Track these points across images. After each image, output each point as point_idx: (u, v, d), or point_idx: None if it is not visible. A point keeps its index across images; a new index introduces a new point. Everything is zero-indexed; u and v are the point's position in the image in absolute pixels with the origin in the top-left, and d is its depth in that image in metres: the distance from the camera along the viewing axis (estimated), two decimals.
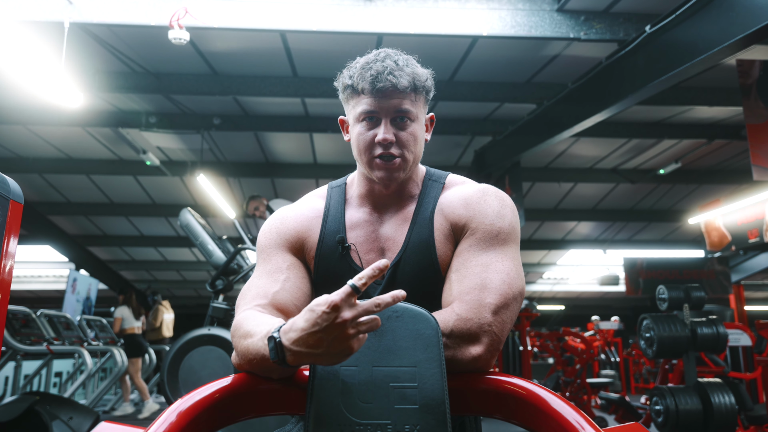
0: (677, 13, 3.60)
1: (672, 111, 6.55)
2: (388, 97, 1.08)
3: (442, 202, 1.15)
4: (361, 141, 1.11)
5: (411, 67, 1.11)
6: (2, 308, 1.12)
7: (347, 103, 1.15)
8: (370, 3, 4.17)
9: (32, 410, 3.98)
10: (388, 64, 1.08)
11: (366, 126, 1.11)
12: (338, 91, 1.17)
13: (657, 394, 3.64)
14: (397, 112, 1.09)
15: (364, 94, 1.09)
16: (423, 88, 1.12)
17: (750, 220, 8.18)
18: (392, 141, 1.09)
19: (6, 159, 7.92)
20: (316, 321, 0.79)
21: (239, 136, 7.36)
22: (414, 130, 1.12)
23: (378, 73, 1.07)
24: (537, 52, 5.22)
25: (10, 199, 1.17)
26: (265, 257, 1.14)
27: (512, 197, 7.04)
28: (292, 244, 1.15)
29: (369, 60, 1.11)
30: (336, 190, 1.22)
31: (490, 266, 1.03)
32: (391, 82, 1.07)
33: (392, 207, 1.17)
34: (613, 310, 18.94)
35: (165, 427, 0.85)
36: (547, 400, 0.88)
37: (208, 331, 3.57)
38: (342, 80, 1.14)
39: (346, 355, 0.81)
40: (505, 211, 1.10)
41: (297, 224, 1.17)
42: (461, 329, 0.97)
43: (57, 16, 3.92)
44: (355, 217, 1.17)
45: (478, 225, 1.08)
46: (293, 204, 1.23)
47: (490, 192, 1.14)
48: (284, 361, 0.84)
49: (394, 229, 1.15)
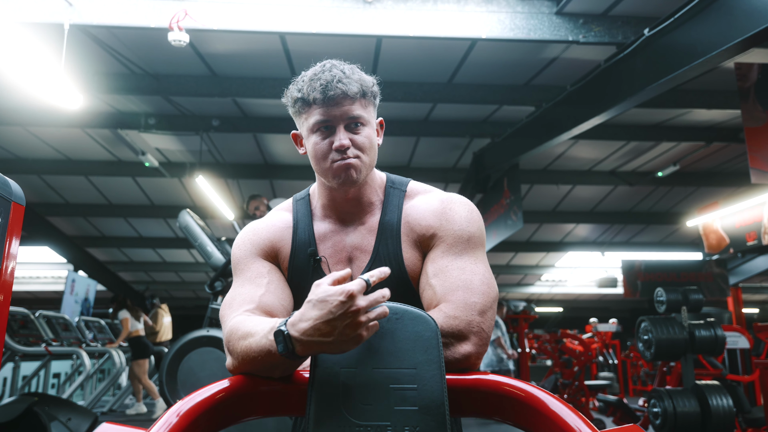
0: (675, 17, 3.61)
1: (670, 114, 6.57)
2: (339, 104, 1.10)
3: (408, 212, 1.17)
4: (318, 150, 1.13)
5: (358, 75, 1.14)
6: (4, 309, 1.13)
7: (299, 116, 1.17)
8: (369, 5, 4.18)
9: (31, 411, 3.98)
10: (335, 73, 1.11)
11: (321, 135, 1.13)
12: (288, 107, 1.19)
13: (655, 397, 3.64)
14: (349, 118, 1.12)
15: (315, 104, 1.11)
16: (371, 93, 1.15)
17: (748, 222, 8.20)
18: (348, 146, 1.11)
19: (5, 160, 7.92)
20: (330, 309, 0.84)
21: (238, 137, 7.37)
22: (368, 134, 1.14)
23: (327, 82, 1.10)
24: (536, 54, 5.23)
25: (11, 201, 1.17)
26: (243, 267, 1.16)
27: (510, 199, 7.06)
28: (267, 252, 1.18)
29: (316, 71, 1.13)
30: (301, 203, 1.25)
31: (467, 269, 1.07)
32: (341, 89, 1.09)
33: (356, 216, 1.20)
34: (611, 312, 18.95)
35: (166, 429, 0.86)
36: (545, 401, 0.89)
37: (206, 333, 3.57)
38: (290, 94, 1.16)
39: (357, 343, 0.86)
40: (473, 216, 1.14)
41: (270, 234, 1.19)
42: (451, 328, 0.99)
43: (57, 18, 3.92)
44: (321, 228, 1.20)
45: (448, 232, 1.11)
46: (262, 218, 1.26)
47: (456, 200, 1.17)
48: (293, 353, 0.87)
49: (360, 238, 1.18)
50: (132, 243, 12.15)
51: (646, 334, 3.81)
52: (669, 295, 3.95)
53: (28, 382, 6.54)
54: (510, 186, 6.84)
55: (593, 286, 16.18)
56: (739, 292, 10.77)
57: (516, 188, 6.71)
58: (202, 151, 7.43)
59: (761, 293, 16.73)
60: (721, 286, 10.56)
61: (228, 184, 8.89)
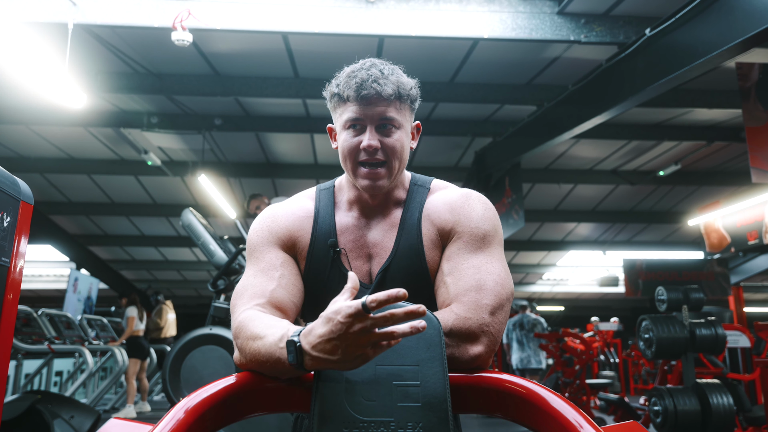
0: (677, 17, 3.62)
1: (672, 113, 6.57)
2: (373, 104, 1.10)
3: (428, 207, 1.17)
4: (347, 147, 1.13)
5: (396, 76, 1.13)
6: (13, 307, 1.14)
7: (334, 111, 1.17)
8: (371, 5, 4.19)
9: (34, 409, 4.00)
10: (372, 73, 1.11)
11: (352, 133, 1.13)
12: (326, 100, 1.19)
13: (656, 395, 3.65)
14: (381, 119, 1.11)
15: (349, 102, 1.11)
16: (408, 96, 1.14)
17: (749, 221, 8.20)
18: (377, 147, 1.11)
19: (8, 159, 7.94)
20: (332, 329, 0.82)
21: (240, 136, 7.39)
22: (399, 137, 1.13)
23: (363, 81, 1.09)
24: (537, 54, 5.24)
25: (20, 201, 1.19)
26: (258, 255, 1.15)
27: (512, 198, 7.06)
28: (283, 242, 1.16)
29: (354, 69, 1.13)
30: (325, 193, 1.23)
31: (481, 268, 1.06)
32: (376, 90, 1.09)
33: (380, 212, 1.19)
34: (612, 311, 18.96)
35: (173, 424, 0.87)
36: (546, 399, 0.90)
37: (209, 331, 3.59)
38: (329, 89, 1.16)
39: (363, 361, 0.84)
40: (488, 214, 1.13)
41: (288, 222, 1.18)
42: (461, 329, 0.99)
43: (61, 18, 3.94)
44: (344, 221, 1.19)
45: (464, 229, 1.11)
46: (283, 202, 1.24)
47: (473, 196, 1.16)
48: (302, 365, 0.86)
49: (381, 234, 1.17)
50: (134, 241, 12.18)
51: (647, 333, 3.82)
52: (670, 294, 3.96)
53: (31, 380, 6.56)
54: (511, 185, 6.85)
55: (594, 285, 16.19)
56: (740, 291, 10.77)
57: (517, 187, 6.72)
58: (205, 150, 7.45)
59: (762, 292, 16.72)
60: (723, 285, 10.56)
61: (230, 182, 8.91)
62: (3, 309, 1.06)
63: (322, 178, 8.49)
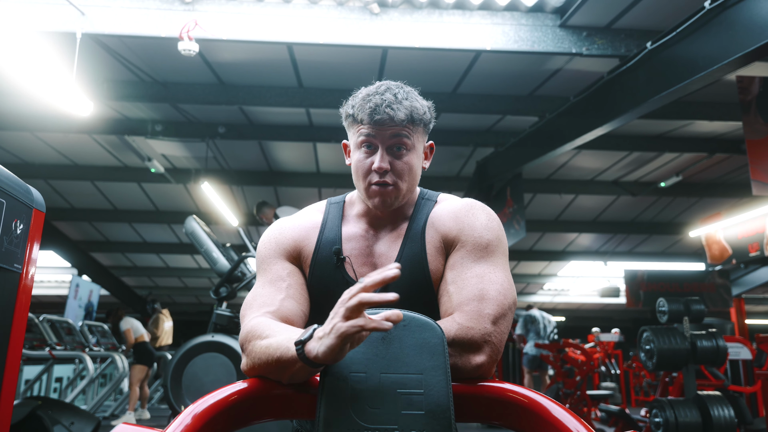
0: (678, 30, 3.65)
1: (673, 125, 6.60)
2: (386, 127, 1.14)
3: (433, 216, 1.20)
4: (359, 167, 1.17)
5: (410, 101, 1.16)
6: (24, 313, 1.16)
7: (349, 129, 1.22)
8: (375, 17, 4.24)
9: (34, 415, 4.00)
10: (387, 98, 1.14)
11: (364, 153, 1.17)
12: (341, 118, 1.23)
13: (657, 407, 3.65)
14: (393, 142, 1.15)
15: (363, 124, 1.15)
16: (420, 120, 1.17)
17: (750, 233, 8.20)
18: (387, 169, 1.14)
19: (12, 165, 7.98)
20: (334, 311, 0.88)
21: (243, 144, 7.43)
22: (409, 159, 1.17)
23: (376, 106, 1.13)
24: (539, 66, 5.28)
25: (33, 208, 1.21)
26: (266, 267, 1.19)
27: (513, 208, 7.08)
28: (290, 252, 1.20)
29: (370, 92, 1.17)
30: (334, 206, 1.27)
31: (484, 277, 1.08)
32: (389, 115, 1.12)
33: (387, 225, 1.23)
34: (613, 322, 18.88)
35: (181, 429, 0.89)
36: (548, 408, 0.92)
37: (211, 338, 3.60)
38: (345, 109, 1.21)
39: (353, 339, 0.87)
40: (492, 223, 1.16)
41: (295, 234, 1.22)
42: (463, 338, 1.01)
43: (70, 27, 3.98)
44: (351, 231, 1.22)
45: (468, 238, 1.13)
46: (292, 216, 1.29)
47: (477, 206, 1.19)
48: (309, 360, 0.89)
49: (387, 245, 1.20)
50: (136, 248, 12.20)
51: (648, 344, 3.82)
52: (671, 306, 3.96)
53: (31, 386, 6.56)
54: (513, 195, 6.87)
55: (596, 296, 16.15)
56: (741, 303, 10.75)
57: (519, 197, 6.73)
58: (208, 158, 7.49)
59: (764, 304, 16.66)
60: (724, 296, 10.54)
61: (233, 190, 8.94)
62: (15, 314, 1.08)
63: (324, 187, 8.52)
